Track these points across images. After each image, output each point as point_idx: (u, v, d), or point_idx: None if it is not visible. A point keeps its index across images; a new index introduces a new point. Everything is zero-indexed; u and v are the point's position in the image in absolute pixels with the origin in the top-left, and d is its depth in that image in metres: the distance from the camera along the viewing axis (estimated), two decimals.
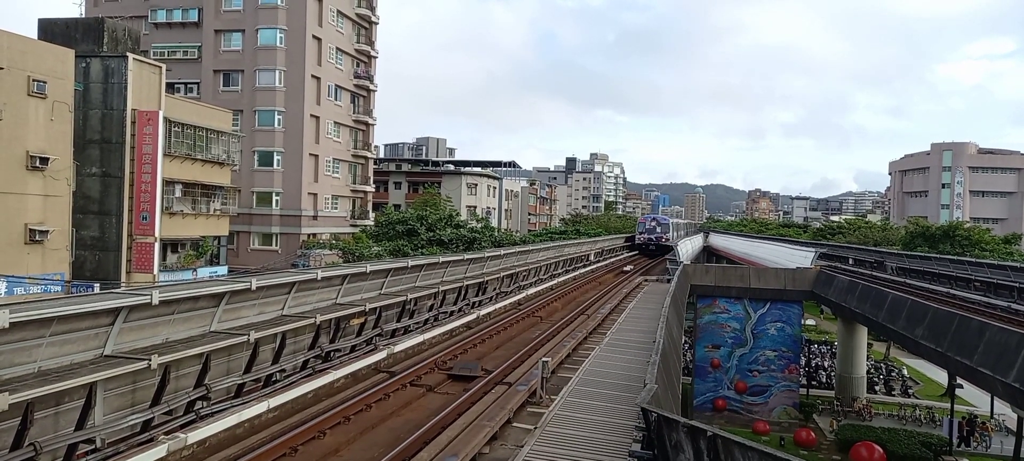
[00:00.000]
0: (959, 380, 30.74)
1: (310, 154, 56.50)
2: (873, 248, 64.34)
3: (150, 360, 10.04)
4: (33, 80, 28.75)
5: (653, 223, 70.03)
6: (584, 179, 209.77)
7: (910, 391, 43.67)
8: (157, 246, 34.88)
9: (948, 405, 34.71)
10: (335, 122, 59.86)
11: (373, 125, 65.83)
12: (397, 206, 75.13)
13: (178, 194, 38.80)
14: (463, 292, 23.95)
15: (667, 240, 65.86)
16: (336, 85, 59.66)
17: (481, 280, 25.55)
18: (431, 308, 21.44)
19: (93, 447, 9.38)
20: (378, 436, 11.53)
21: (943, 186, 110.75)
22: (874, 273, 46.32)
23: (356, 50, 62.56)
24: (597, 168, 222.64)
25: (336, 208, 60.71)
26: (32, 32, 34.11)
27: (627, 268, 49.83)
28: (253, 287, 13.02)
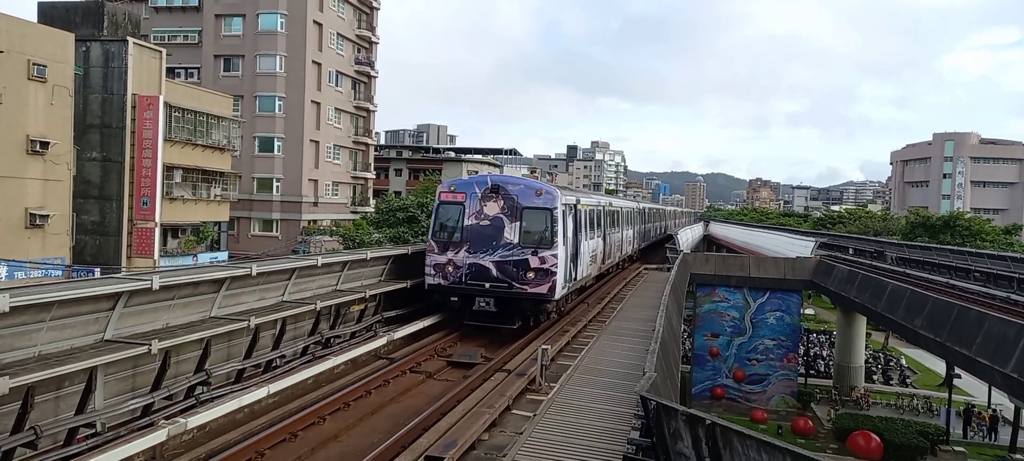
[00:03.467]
0: (957, 370, 30.81)
1: (311, 140, 56.42)
2: (873, 238, 64.31)
3: (150, 345, 10.06)
4: (33, 64, 28.66)
5: (495, 211, 17.82)
6: (585, 167, 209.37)
7: (908, 381, 43.80)
8: (157, 231, 34.90)
9: (946, 395, 34.83)
10: (336, 108, 59.73)
11: (374, 112, 65.70)
12: (398, 193, 75.09)
13: (178, 179, 38.78)
14: None
15: (551, 266, 17.46)
16: (337, 71, 59.49)
17: None
18: None
19: (93, 431, 9.42)
20: (377, 422, 11.57)
21: (944, 176, 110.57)
22: (874, 263, 46.29)
23: (357, 36, 62.32)
24: (598, 156, 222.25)
25: (337, 195, 60.69)
26: (32, 16, 34.03)
27: None
28: (253, 273, 13.03)
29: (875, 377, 43.30)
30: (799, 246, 50.36)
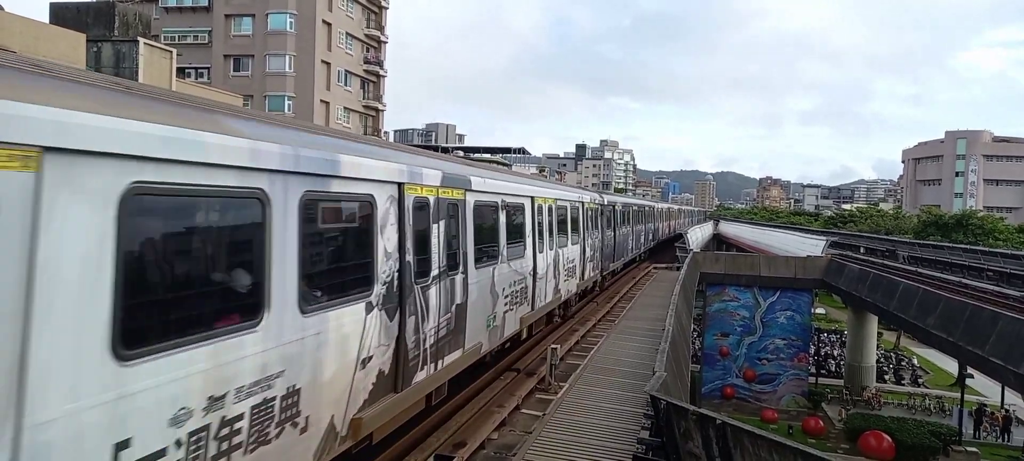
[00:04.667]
0: (970, 370, 30.59)
1: None
2: (885, 236, 63.95)
3: None
4: None
5: None
6: (594, 166, 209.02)
7: (920, 380, 43.52)
8: None
9: (958, 394, 34.58)
10: (345, 107, 59.89)
11: (383, 111, 65.80)
12: None
13: None
14: None
15: None
16: (346, 70, 59.64)
17: None
18: None
19: None
20: None
21: (957, 174, 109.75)
22: (885, 262, 46.01)
23: (366, 35, 62.45)
24: (607, 155, 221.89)
25: None
26: (44, 16, 34.27)
27: None
28: None
29: (887, 377, 43.05)
30: (810, 245, 50.16)
